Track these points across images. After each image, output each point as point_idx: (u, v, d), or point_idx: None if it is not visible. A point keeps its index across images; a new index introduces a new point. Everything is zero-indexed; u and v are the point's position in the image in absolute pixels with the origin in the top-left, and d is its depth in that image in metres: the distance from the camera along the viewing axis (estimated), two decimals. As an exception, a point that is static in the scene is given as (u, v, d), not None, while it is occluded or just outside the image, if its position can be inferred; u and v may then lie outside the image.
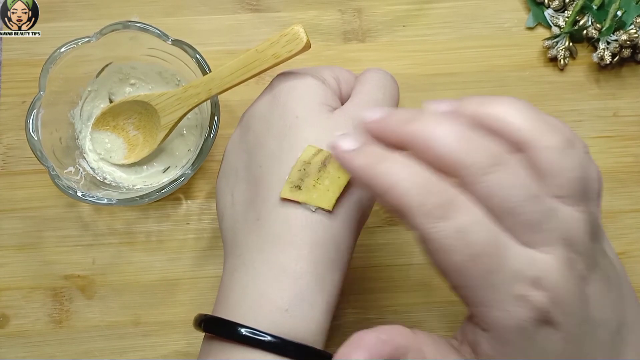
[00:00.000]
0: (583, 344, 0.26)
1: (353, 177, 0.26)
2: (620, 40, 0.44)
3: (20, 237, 0.43)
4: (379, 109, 0.27)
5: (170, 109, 0.40)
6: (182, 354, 0.42)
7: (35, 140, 0.38)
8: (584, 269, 0.25)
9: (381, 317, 0.42)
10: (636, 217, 0.44)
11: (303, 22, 0.45)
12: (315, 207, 0.31)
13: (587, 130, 0.45)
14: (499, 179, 0.24)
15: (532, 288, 0.24)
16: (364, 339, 0.26)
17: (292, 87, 0.34)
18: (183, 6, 0.47)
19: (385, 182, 0.25)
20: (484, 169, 0.24)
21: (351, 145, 0.26)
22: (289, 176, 0.32)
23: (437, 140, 0.24)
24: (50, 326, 0.42)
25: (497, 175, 0.24)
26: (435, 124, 0.25)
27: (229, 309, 0.31)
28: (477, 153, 0.24)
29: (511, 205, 0.24)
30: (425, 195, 0.24)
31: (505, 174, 0.24)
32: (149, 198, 0.38)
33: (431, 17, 0.46)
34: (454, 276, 0.25)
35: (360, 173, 0.26)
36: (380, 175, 0.25)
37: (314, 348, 0.30)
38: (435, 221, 0.24)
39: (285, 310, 0.30)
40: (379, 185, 0.25)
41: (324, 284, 0.31)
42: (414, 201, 0.24)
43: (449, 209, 0.24)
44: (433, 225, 0.24)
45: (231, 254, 0.33)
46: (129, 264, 0.43)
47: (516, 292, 0.24)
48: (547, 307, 0.24)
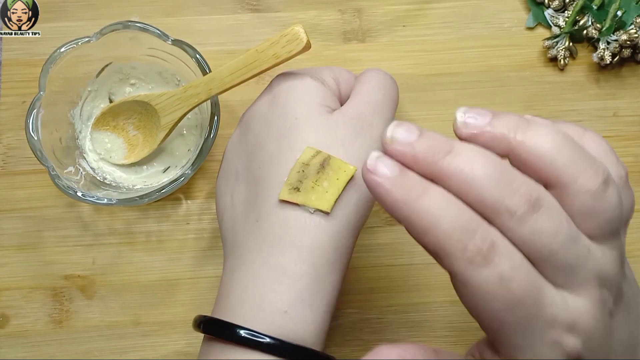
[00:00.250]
0: None
1: (386, 208, 0.24)
2: (620, 40, 0.44)
3: (20, 237, 0.43)
4: (405, 127, 0.24)
5: (170, 109, 0.40)
6: (182, 354, 0.42)
7: (35, 140, 0.38)
8: (611, 302, 0.25)
9: (381, 317, 0.42)
10: (636, 217, 0.44)
11: (303, 22, 0.45)
12: (313, 209, 0.31)
13: (587, 130, 0.45)
14: (540, 225, 0.23)
15: (567, 334, 0.23)
16: (385, 352, 0.25)
17: (292, 88, 0.34)
18: (183, 6, 0.47)
19: (425, 221, 0.23)
20: (525, 215, 0.23)
21: (389, 171, 0.23)
22: (288, 178, 0.32)
23: (478, 181, 0.23)
24: (50, 326, 0.42)
25: (538, 221, 0.23)
26: (474, 161, 0.23)
27: (228, 310, 0.31)
28: (518, 196, 0.23)
29: (551, 250, 0.23)
30: (468, 238, 0.22)
31: (546, 218, 0.23)
32: (149, 198, 0.38)
33: (431, 17, 0.46)
34: (489, 321, 0.24)
35: (398, 207, 0.23)
36: (420, 212, 0.23)
37: (313, 350, 0.30)
38: (477, 267, 0.22)
39: (285, 312, 0.30)
40: (418, 225, 0.23)
41: (323, 285, 0.31)
42: (457, 245, 0.22)
43: (492, 254, 0.22)
44: (476, 272, 0.22)
45: (231, 255, 0.33)
46: (129, 264, 0.43)
47: (551, 338, 0.23)
48: (580, 351, 0.24)
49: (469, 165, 0.23)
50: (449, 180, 0.23)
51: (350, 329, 0.42)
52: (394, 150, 0.24)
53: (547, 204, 0.23)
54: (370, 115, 0.34)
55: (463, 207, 0.23)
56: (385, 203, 0.24)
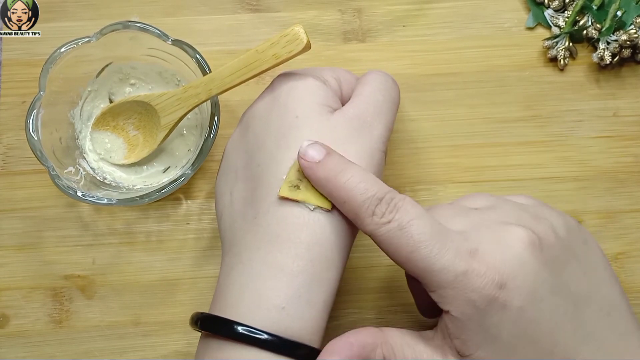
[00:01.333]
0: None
1: (315, 186, 0.31)
2: (620, 40, 0.44)
3: (20, 237, 0.43)
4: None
5: (170, 109, 0.40)
6: (182, 354, 0.42)
7: (35, 140, 0.38)
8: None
9: (381, 317, 0.42)
10: (636, 217, 0.44)
11: (303, 22, 0.45)
12: (314, 206, 0.31)
13: (587, 130, 0.45)
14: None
15: (471, 257, 0.29)
16: (334, 345, 0.30)
17: (293, 88, 0.34)
18: (183, 6, 0.47)
19: (343, 194, 0.30)
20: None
21: (316, 155, 0.31)
22: (287, 176, 0.32)
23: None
24: (50, 326, 0.42)
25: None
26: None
27: (226, 307, 0.31)
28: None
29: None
30: (375, 204, 0.30)
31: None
32: (149, 198, 0.38)
33: (431, 17, 0.46)
34: (409, 270, 0.30)
35: (322, 184, 0.31)
36: (339, 187, 0.30)
37: (311, 346, 0.30)
38: (383, 225, 0.30)
39: (282, 308, 0.30)
40: (337, 197, 0.31)
41: (321, 282, 0.31)
42: (367, 211, 0.30)
43: (393, 213, 0.30)
44: (382, 229, 0.30)
45: (229, 252, 0.33)
46: (129, 264, 0.43)
47: (460, 262, 0.29)
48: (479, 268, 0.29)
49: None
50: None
51: (350, 329, 0.42)
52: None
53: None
54: (371, 116, 0.34)
55: (373, 182, 0.30)
56: (313, 181, 0.31)
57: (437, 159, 0.44)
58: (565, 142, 0.45)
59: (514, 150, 0.44)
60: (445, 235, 0.29)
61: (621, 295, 0.32)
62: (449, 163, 0.44)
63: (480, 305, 0.28)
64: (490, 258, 0.29)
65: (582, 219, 0.44)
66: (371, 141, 0.34)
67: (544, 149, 0.44)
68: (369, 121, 0.34)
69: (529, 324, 0.29)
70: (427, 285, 0.30)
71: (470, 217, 0.32)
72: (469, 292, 0.28)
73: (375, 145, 0.34)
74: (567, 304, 0.30)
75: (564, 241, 0.31)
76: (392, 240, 0.29)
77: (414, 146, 0.44)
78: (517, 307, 0.28)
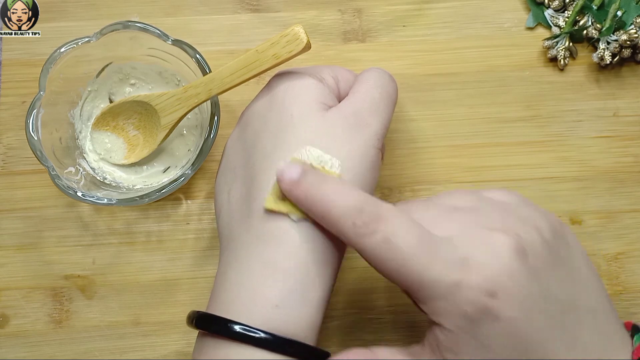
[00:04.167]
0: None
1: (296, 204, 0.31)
2: (620, 40, 0.44)
3: (20, 237, 0.43)
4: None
5: (170, 109, 0.40)
6: (182, 354, 0.42)
7: (35, 140, 0.38)
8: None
9: (381, 317, 0.42)
10: (636, 217, 0.44)
11: (303, 22, 0.45)
12: (298, 218, 0.31)
13: (587, 130, 0.45)
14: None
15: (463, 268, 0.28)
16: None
17: (290, 86, 0.35)
18: (183, 6, 0.47)
19: (320, 209, 0.30)
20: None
21: (293, 175, 0.30)
22: (272, 188, 0.32)
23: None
24: (50, 326, 0.42)
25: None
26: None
27: (222, 306, 0.31)
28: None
29: None
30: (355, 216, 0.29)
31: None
32: (149, 198, 0.38)
33: (431, 17, 0.46)
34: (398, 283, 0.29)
35: (301, 202, 0.30)
36: (316, 202, 0.30)
37: (306, 344, 0.30)
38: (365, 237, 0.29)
39: (276, 306, 0.30)
40: (316, 212, 0.30)
41: (315, 280, 0.31)
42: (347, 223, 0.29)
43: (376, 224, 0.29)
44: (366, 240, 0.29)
45: (225, 251, 0.34)
46: (128, 264, 0.43)
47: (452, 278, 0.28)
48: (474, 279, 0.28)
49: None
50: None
51: (350, 329, 0.42)
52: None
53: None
54: (367, 113, 0.34)
55: (351, 194, 0.30)
56: (294, 200, 0.31)
57: (437, 159, 0.44)
58: (565, 142, 0.45)
59: (514, 150, 0.44)
60: (433, 245, 0.28)
61: (603, 293, 0.32)
62: (449, 163, 0.44)
63: (473, 316, 0.28)
64: (480, 268, 0.28)
65: (582, 219, 0.44)
66: (367, 138, 0.33)
67: (544, 149, 0.44)
68: (365, 118, 0.34)
69: (520, 334, 0.28)
70: (417, 298, 0.29)
71: (454, 220, 0.31)
72: (461, 304, 0.28)
73: (370, 142, 0.33)
74: (555, 311, 0.29)
75: (550, 245, 0.30)
76: (378, 253, 0.28)
77: (414, 146, 0.44)
78: (509, 317, 0.28)
